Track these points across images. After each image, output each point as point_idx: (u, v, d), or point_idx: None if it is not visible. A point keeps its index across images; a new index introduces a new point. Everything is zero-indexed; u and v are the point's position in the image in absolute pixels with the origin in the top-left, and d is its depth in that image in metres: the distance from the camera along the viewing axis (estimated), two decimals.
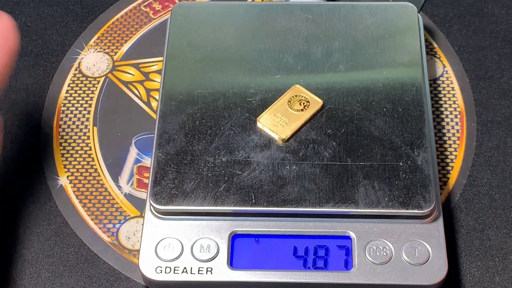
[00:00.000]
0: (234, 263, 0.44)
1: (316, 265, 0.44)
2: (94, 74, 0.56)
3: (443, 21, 0.58)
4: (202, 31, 0.53)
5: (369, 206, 0.44)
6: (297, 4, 0.54)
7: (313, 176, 0.45)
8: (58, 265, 0.46)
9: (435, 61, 0.56)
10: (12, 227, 0.48)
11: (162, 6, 0.60)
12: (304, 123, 0.48)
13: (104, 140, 0.52)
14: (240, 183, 0.45)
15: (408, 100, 0.49)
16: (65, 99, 0.54)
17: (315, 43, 0.52)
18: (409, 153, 0.46)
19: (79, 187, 0.50)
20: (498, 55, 0.56)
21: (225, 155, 0.46)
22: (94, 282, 0.46)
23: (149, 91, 0.55)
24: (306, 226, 0.45)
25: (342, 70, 0.50)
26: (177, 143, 0.47)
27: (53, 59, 0.57)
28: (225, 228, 0.45)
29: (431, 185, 0.45)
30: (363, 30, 0.52)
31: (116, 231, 0.48)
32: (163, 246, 0.44)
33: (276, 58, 0.51)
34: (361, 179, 0.45)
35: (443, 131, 0.52)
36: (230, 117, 0.48)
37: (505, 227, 0.48)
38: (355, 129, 0.47)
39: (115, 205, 0.49)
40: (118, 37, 0.58)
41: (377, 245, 0.44)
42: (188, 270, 0.44)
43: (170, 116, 0.48)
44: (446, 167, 0.51)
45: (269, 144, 0.47)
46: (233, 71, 0.51)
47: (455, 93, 0.54)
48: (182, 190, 0.45)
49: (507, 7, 0.59)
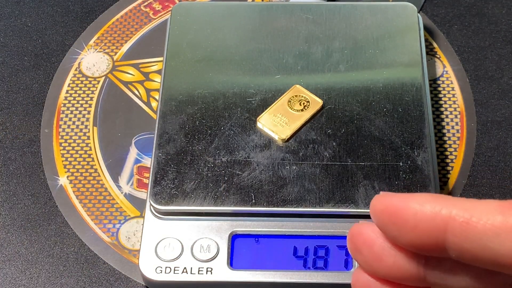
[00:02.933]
0: (234, 263, 0.44)
1: (316, 265, 0.44)
2: (94, 74, 0.56)
3: (443, 21, 0.58)
4: (202, 31, 0.53)
5: (369, 206, 0.44)
6: (297, 4, 0.54)
7: (313, 176, 0.45)
8: (58, 265, 0.46)
9: (435, 61, 0.56)
10: (12, 227, 0.48)
11: (162, 6, 0.60)
12: (304, 123, 0.48)
13: (104, 140, 0.52)
14: (240, 183, 0.45)
15: (408, 100, 0.49)
16: (65, 99, 0.54)
17: (315, 43, 0.52)
18: (409, 153, 0.46)
19: (79, 187, 0.50)
20: (498, 55, 0.56)
21: (225, 155, 0.46)
22: (94, 282, 0.46)
23: (149, 91, 0.55)
24: (306, 226, 0.45)
25: (342, 70, 0.50)
26: (177, 143, 0.47)
27: (53, 59, 0.57)
28: (225, 228, 0.45)
29: (431, 185, 0.45)
30: (363, 30, 0.52)
31: (116, 231, 0.48)
32: (163, 246, 0.44)
33: (276, 58, 0.51)
34: (361, 179, 0.45)
35: (443, 131, 0.52)
36: (230, 117, 0.48)
37: None
38: (355, 129, 0.47)
39: (115, 205, 0.49)
40: (118, 37, 0.58)
41: None
42: (188, 270, 0.44)
43: (170, 116, 0.48)
44: (446, 167, 0.51)
45: (269, 144, 0.47)
46: (233, 71, 0.51)
47: (455, 93, 0.54)
48: (182, 190, 0.45)
49: (507, 7, 0.59)
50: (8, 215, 0.49)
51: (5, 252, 0.47)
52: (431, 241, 0.29)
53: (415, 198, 0.29)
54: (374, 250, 0.31)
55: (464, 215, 0.28)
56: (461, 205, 0.28)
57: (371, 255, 0.31)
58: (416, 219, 0.29)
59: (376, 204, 0.31)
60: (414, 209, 0.29)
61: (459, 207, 0.28)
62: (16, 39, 0.58)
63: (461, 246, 0.28)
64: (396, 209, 0.30)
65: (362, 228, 0.32)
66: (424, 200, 0.29)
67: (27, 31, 0.58)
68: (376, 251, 0.31)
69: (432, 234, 0.29)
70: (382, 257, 0.31)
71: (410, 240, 0.30)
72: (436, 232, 0.29)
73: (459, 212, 0.28)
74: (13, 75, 0.56)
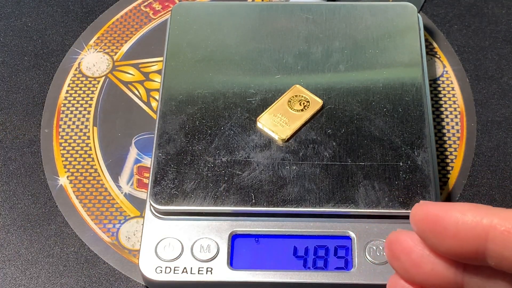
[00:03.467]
0: (234, 263, 0.44)
1: (316, 265, 0.44)
2: (94, 74, 0.56)
3: (443, 21, 0.58)
4: (202, 31, 0.53)
5: (369, 206, 0.44)
6: (297, 4, 0.54)
7: (313, 176, 0.45)
8: (58, 265, 0.46)
9: (435, 61, 0.56)
10: (12, 227, 0.48)
11: (162, 6, 0.60)
12: (304, 123, 0.48)
13: (104, 140, 0.52)
14: (240, 183, 0.45)
15: (408, 100, 0.49)
16: (65, 99, 0.54)
17: (315, 43, 0.52)
18: (409, 153, 0.46)
19: (79, 187, 0.50)
20: (498, 55, 0.56)
21: (225, 155, 0.46)
22: (94, 282, 0.46)
23: (149, 91, 0.55)
24: (306, 226, 0.45)
25: (342, 70, 0.50)
26: (177, 143, 0.47)
27: (53, 59, 0.57)
28: (225, 228, 0.45)
29: (431, 185, 0.45)
30: (363, 30, 0.52)
31: (116, 231, 0.48)
32: (163, 246, 0.44)
33: (276, 58, 0.51)
34: (361, 179, 0.45)
35: (443, 131, 0.52)
36: (230, 117, 0.48)
37: None
38: (355, 129, 0.47)
39: (115, 205, 0.49)
40: (118, 37, 0.58)
41: (377, 245, 0.44)
42: (188, 270, 0.44)
43: (170, 116, 0.48)
44: (446, 167, 0.51)
45: (269, 144, 0.47)
46: (233, 71, 0.51)
47: (455, 93, 0.54)
48: (182, 190, 0.45)
49: (507, 7, 0.59)
50: (8, 215, 0.49)
51: (5, 252, 0.47)
52: (471, 249, 0.29)
53: (456, 207, 0.30)
54: (412, 257, 0.32)
55: (505, 224, 0.29)
56: (502, 215, 0.29)
57: (409, 262, 0.32)
58: (457, 228, 0.29)
59: (416, 213, 0.31)
60: (455, 218, 0.30)
61: (501, 217, 0.29)
62: (16, 39, 0.58)
63: (501, 254, 0.29)
64: (437, 217, 0.30)
65: (400, 236, 0.32)
66: (466, 209, 0.30)
67: (27, 31, 0.58)
68: (414, 258, 0.32)
69: (473, 242, 0.29)
70: (421, 264, 0.32)
71: (450, 248, 0.30)
72: (477, 240, 0.29)
73: (500, 221, 0.29)
74: (13, 75, 0.56)
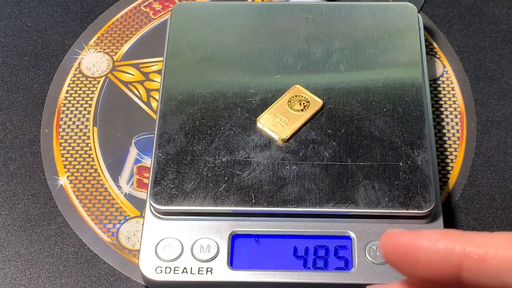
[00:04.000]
0: (234, 263, 0.44)
1: (316, 265, 0.44)
2: (94, 74, 0.56)
3: (443, 21, 0.58)
4: (202, 31, 0.53)
5: (369, 206, 0.44)
6: (297, 4, 0.54)
7: (313, 176, 0.45)
8: (58, 265, 0.46)
9: (435, 61, 0.56)
10: (12, 227, 0.48)
11: (162, 6, 0.60)
12: (304, 123, 0.48)
13: (104, 140, 0.52)
14: (240, 183, 0.45)
15: (408, 100, 0.49)
16: (65, 99, 0.54)
17: (315, 43, 0.52)
18: (409, 153, 0.46)
19: (79, 187, 0.50)
20: (498, 55, 0.56)
21: (225, 155, 0.46)
22: (94, 282, 0.46)
23: (149, 91, 0.55)
24: (306, 226, 0.45)
25: (342, 70, 0.50)
26: (177, 143, 0.47)
27: (53, 59, 0.57)
28: (225, 228, 0.45)
29: (431, 185, 0.45)
30: (363, 30, 0.52)
31: (116, 231, 0.48)
32: (163, 246, 0.44)
33: (276, 58, 0.51)
34: (361, 179, 0.45)
35: (443, 131, 0.52)
36: (230, 117, 0.48)
37: (505, 227, 0.48)
38: (355, 129, 0.47)
39: (115, 205, 0.49)
40: (118, 37, 0.58)
41: (377, 245, 0.44)
42: (188, 270, 0.44)
43: (170, 116, 0.48)
44: (446, 167, 0.50)
45: (269, 144, 0.47)
46: (233, 71, 0.51)
47: (455, 93, 0.54)
48: (182, 190, 0.45)
49: (507, 7, 0.59)
50: (8, 215, 0.49)
51: (5, 252, 0.47)
52: (447, 276, 0.28)
53: (427, 235, 0.29)
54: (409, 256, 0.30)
55: (478, 251, 0.27)
56: (475, 241, 0.28)
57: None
58: (429, 258, 0.28)
59: (385, 244, 0.30)
60: (426, 248, 0.28)
61: (473, 243, 0.28)
62: (16, 39, 0.58)
63: (478, 281, 0.28)
64: (408, 248, 0.29)
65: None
66: (436, 237, 0.28)
67: (27, 31, 0.58)
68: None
69: (447, 271, 0.28)
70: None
71: (425, 276, 0.29)
72: (451, 269, 0.28)
73: (473, 248, 0.27)
74: (13, 75, 0.56)
